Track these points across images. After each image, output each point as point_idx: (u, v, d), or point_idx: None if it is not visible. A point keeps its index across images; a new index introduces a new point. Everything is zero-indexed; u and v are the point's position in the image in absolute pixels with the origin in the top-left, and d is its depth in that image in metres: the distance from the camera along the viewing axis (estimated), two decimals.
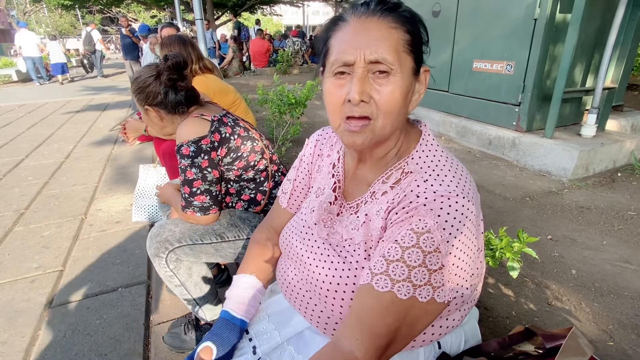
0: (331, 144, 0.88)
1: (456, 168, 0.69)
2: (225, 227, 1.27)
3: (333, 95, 0.66)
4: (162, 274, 1.23)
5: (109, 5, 15.07)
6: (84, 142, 4.56)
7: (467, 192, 0.63)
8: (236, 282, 0.92)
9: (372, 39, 0.62)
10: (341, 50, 0.63)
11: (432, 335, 0.73)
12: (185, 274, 1.24)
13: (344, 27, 0.65)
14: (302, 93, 3.27)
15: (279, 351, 0.78)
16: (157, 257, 1.19)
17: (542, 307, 1.58)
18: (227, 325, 0.84)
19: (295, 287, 0.82)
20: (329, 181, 0.82)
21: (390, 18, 0.63)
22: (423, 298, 0.60)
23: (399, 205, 0.66)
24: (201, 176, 1.18)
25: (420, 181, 0.66)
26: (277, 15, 22.62)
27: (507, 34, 3.28)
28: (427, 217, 0.60)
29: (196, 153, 1.17)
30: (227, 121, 1.27)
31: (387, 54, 0.61)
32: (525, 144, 3.21)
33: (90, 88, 9.64)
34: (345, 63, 0.63)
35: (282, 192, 0.98)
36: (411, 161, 0.71)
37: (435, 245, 0.59)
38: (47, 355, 1.43)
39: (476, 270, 0.71)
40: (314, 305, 0.77)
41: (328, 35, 0.68)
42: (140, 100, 1.27)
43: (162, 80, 1.23)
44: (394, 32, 0.63)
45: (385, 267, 0.62)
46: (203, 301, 1.32)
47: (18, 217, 2.59)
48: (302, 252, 0.80)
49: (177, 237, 1.19)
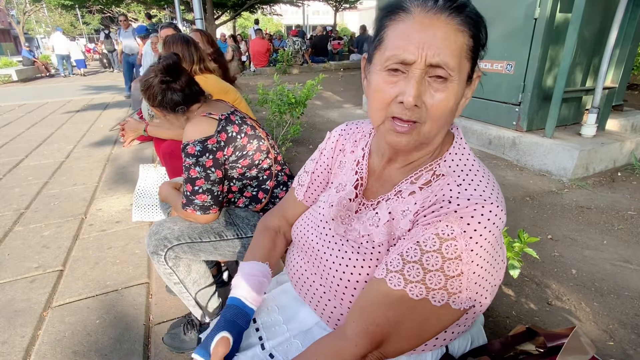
0: (355, 139, 0.85)
1: (488, 175, 0.67)
2: (224, 226, 1.27)
3: (382, 93, 0.61)
4: (161, 271, 1.23)
5: (109, 5, 15.05)
6: (84, 142, 4.56)
7: (500, 201, 0.61)
8: (247, 269, 0.87)
9: (437, 39, 0.56)
10: (401, 46, 0.58)
11: (444, 341, 0.72)
12: (184, 272, 1.25)
13: (406, 19, 0.59)
14: (302, 93, 3.27)
15: (285, 345, 0.77)
16: (156, 255, 1.20)
17: (542, 306, 1.57)
18: (239, 313, 0.81)
19: (307, 280, 0.81)
20: (351, 178, 0.80)
21: (459, 19, 0.58)
22: (437, 302, 0.59)
23: (429, 209, 0.63)
24: (204, 175, 1.19)
25: (453, 185, 0.64)
26: (277, 15, 22.62)
27: (507, 33, 3.28)
28: (454, 224, 0.58)
29: (201, 152, 1.18)
30: (234, 119, 1.27)
31: (450, 59, 0.57)
32: (525, 144, 3.21)
33: (90, 88, 9.64)
34: (403, 61, 0.58)
35: (298, 184, 0.94)
36: (443, 163, 0.68)
37: (457, 252, 0.58)
38: (47, 355, 1.43)
39: (498, 281, 0.69)
40: (327, 300, 0.76)
41: (384, 24, 0.61)
42: (147, 101, 1.31)
43: (156, 82, 1.25)
44: (460, 35, 0.58)
45: (401, 266, 0.61)
46: (202, 300, 1.33)
47: (18, 217, 2.59)
48: (318, 247, 0.79)
49: (175, 235, 1.20)
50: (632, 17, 3.09)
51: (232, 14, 15.71)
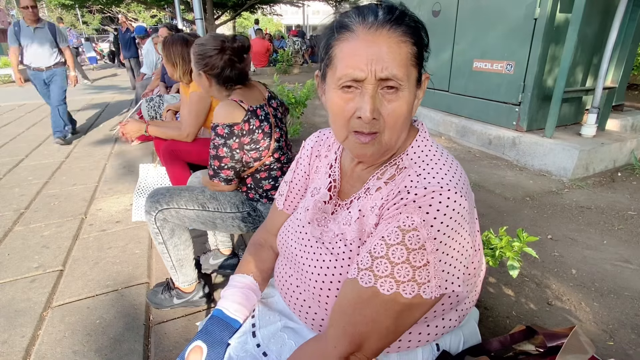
0: (328, 144, 0.89)
1: (451, 162, 0.69)
2: (208, 199, 1.47)
3: (341, 109, 0.65)
4: (151, 230, 1.45)
5: (109, 5, 15.05)
6: (84, 141, 4.56)
7: (460, 187, 0.63)
8: (232, 282, 0.91)
9: (383, 54, 0.60)
10: (350, 65, 0.61)
11: (429, 336, 0.73)
12: (168, 234, 1.46)
13: (351, 39, 0.62)
14: (302, 93, 3.27)
15: (279, 343, 0.78)
16: (148, 214, 1.42)
17: (542, 306, 1.57)
18: (219, 324, 0.84)
19: (291, 287, 0.82)
20: (325, 181, 0.82)
21: (399, 31, 0.61)
22: (407, 294, 0.60)
23: (391, 202, 0.65)
24: (230, 155, 1.39)
25: (413, 175, 0.66)
26: (277, 15, 22.61)
27: (507, 33, 3.28)
28: (414, 215, 0.60)
29: (229, 135, 1.35)
30: (260, 114, 1.42)
31: (398, 71, 0.60)
32: (525, 144, 3.21)
33: (91, 87, 9.64)
34: (355, 79, 0.61)
35: (278, 195, 0.98)
36: (406, 157, 0.71)
37: (420, 242, 0.59)
38: (47, 355, 1.43)
39: (472, 269, 0.71)
40: (308, 307, 0.77)
41: (331, 43, 0.65)
42: (198, 64, 1.44)
43: (224, 57, 1.41)
44: (403, 46, 0.61)
45: (370, 262, 0.62)
46: (178, 264, 1.53)
47: (18, 217, 2.59)
48: (296, 252, 0.81)
49: (166, 201, 1.42)
50: (632, 17, 3.09)
51: (232, 14, 15.69)
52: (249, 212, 1.51)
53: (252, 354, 0.77)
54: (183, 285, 1.58)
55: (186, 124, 2.05)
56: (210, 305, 1.67)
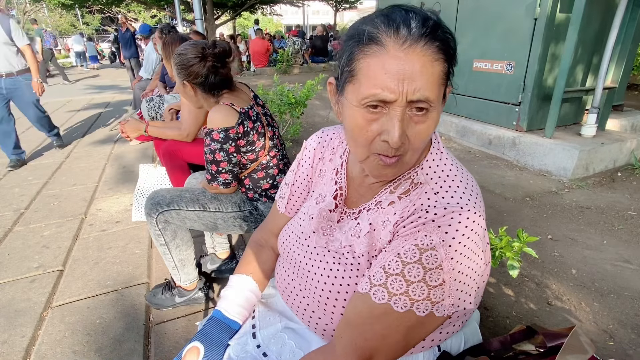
0: (332, 147, 0.85)
1: (467, 179, 0.66)
2: (209, 199, 1.46)
3: (364, 130, 0.59)
4: (152, 232, 1.44)
5: (109, 5, 15.05)
6: (84, 141, 4.56)
7: (478, 207, 0.61)
8: (231, 282, 0.90)
9: (415, 75, 0.53)
10: (378, 84, 0.54)
11: (432, 342, 0.73)
12: (170, 235, 1.45)
13: (379, 54, 0.54)
14: (302, 93, 3.27)
15: (279, 344, 0.78)
16: (149, 217, 1.41)
17: (542, 306, 1.58)
18: (218, 325, 0.83)
19: (294, 290, 0.81)
20: (330, 188, 0.79)
21: (434, 48, 0.55)
22: (421, 312, 0.59)
23: (408, 219, 0.63)
24: (227, 159, 1.38)
25: (430, 193, 0.64)
26: (277, 15, 22.62)
27: (507, 33, 3.28)
28: (433, 234, 0.58)
29: (225, 140, 1.35)
30: (252, 115, 1.41)
31: (430, 93, 0.55)
32: (525, 144, 3.21)
33: (91, 87, 9.64)
34: (383, 100, 0.55)
35: (279, 197, 0.95)
36: (421, 171, 0.68)
37: (438, 262, 0.58)
38: (47, 355, 1.43)
39: (482, 284, 0.69)
40: (312, 312, 0.76)
41: (354, 56, 0.57)
42: (180, 74, 1.41)
43: (206, 64, 1.38)
44: (436, 65, 0.55)
45: (384, 279, 0.61)
46: (180, 264, 1.53)
47: (18, 217, 2.59)
48: (300, 258, 0.79)
49: (167, 202, 1.41)
50: (632, 17, 3.09)
51: (232, 14, 15.70)
52: (251, 210, 1.51)
53: (252, 355, 0.77)
54: (185, 283, 1.59)
55: (186, 124, 2.05)
56: (210, 305, 1.67)
